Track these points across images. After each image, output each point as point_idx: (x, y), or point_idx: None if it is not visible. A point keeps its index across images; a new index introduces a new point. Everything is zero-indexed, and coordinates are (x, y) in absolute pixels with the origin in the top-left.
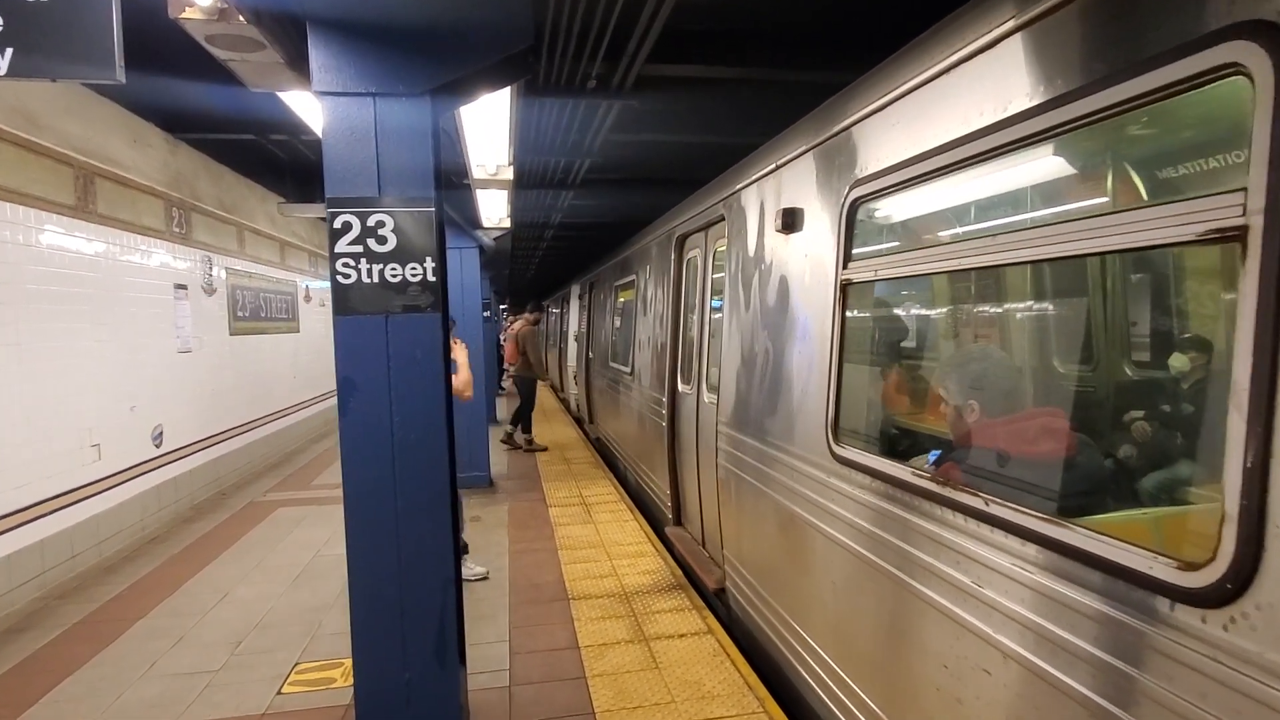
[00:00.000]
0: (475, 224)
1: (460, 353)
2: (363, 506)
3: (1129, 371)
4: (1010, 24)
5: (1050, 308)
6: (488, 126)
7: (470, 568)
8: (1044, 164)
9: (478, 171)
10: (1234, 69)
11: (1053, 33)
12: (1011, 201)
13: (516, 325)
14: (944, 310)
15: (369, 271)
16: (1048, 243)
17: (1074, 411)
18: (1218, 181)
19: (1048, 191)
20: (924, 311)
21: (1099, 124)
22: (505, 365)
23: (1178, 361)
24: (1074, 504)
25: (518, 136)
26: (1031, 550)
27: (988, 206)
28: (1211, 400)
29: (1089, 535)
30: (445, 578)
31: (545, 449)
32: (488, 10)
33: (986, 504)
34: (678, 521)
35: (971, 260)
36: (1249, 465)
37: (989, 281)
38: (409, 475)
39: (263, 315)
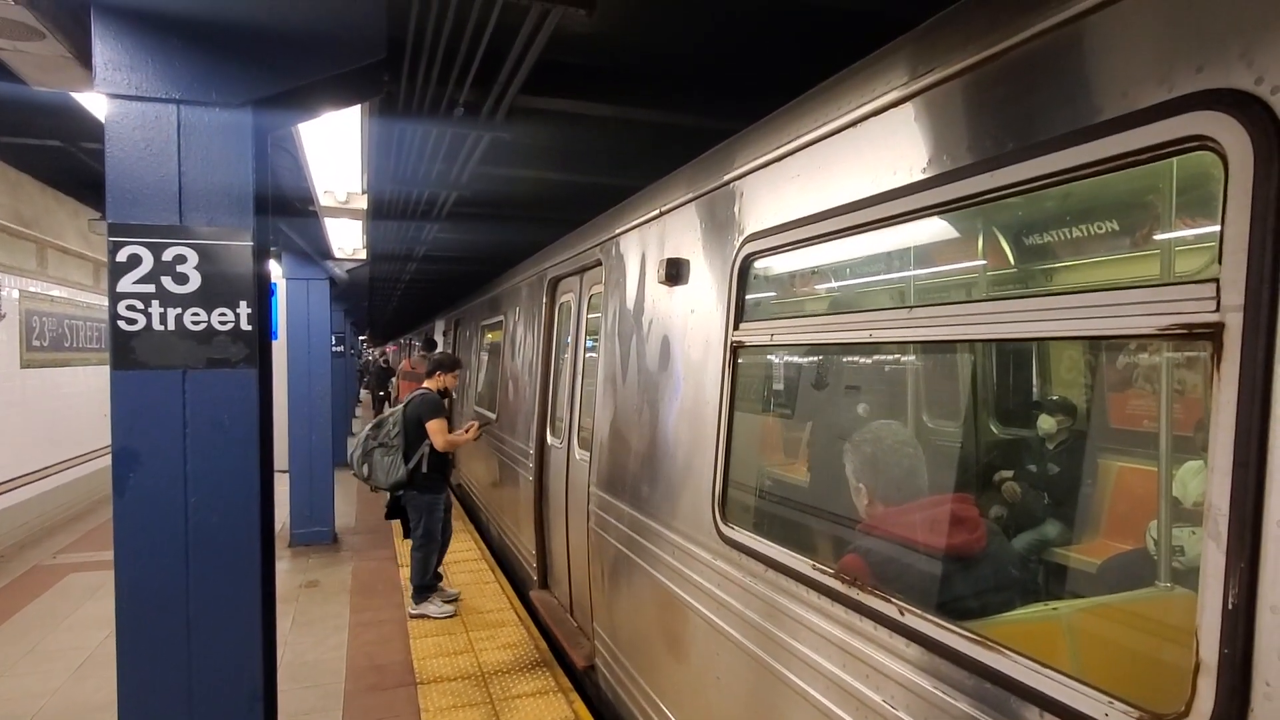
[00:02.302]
0: (326, 254)
1: (471, 433)
2: (141, 613)
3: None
4: (934, 75)
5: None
6: (334, 150)
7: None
8: (972, 234)
9: (325, 199)
10: (1199, 142)
11: (990, 85)
12: (936, 273)
13: (415, 365)
14: (857, 382)
15: (162, 317)
16: (986, 322)
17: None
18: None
19: (973, 262)
20: (832, 381)
21: (1044, 192)
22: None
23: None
24: (993, 604)
25: (373, 163)
26: (960, 675)
27: (910, 274)
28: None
29: (1027, 666)
30: (252, 691)
31: None
32: (332, 14)
33: (901, 613)
34: (544, 584)
35: (896, 334)
36: (1231, 606)
37: (912, 355)
38: (209, 570)
39: (67, 345)
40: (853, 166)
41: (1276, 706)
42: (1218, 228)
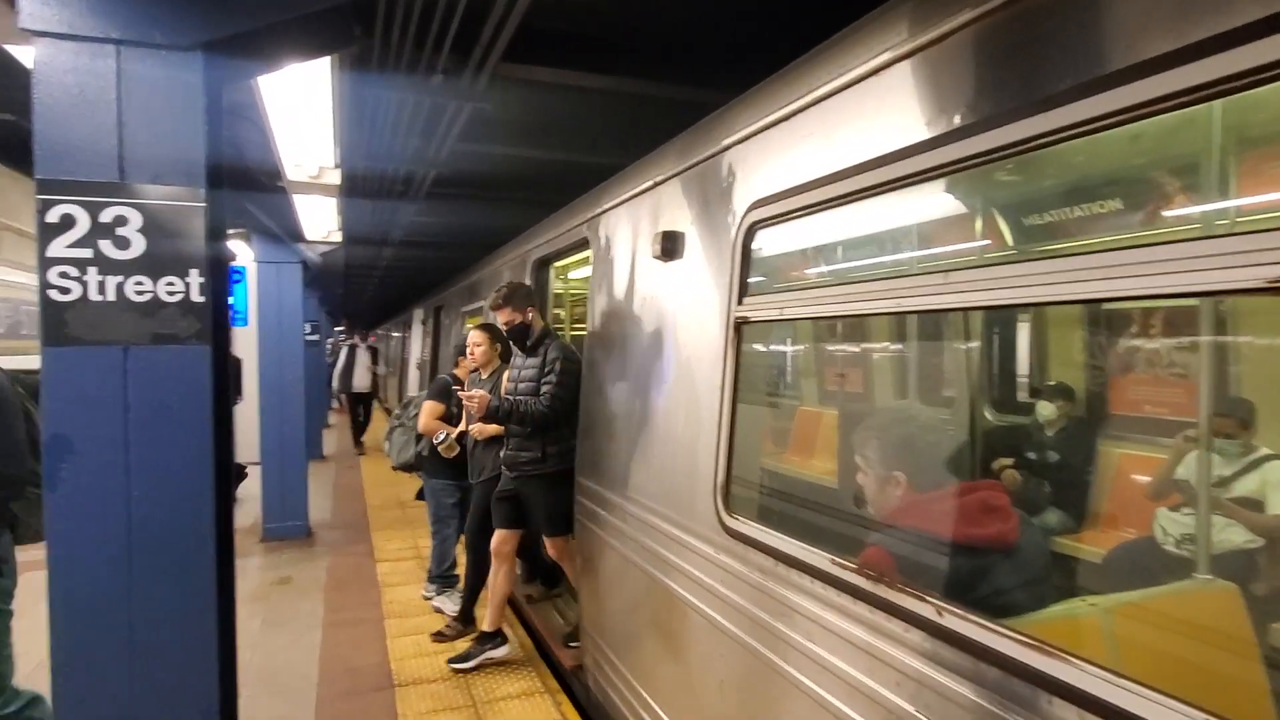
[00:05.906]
0: (297, 236)
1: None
2: (77, 624)
3: None
4: (968, 13)
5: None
6: (303, 117)
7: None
8: (1015, 188)
9: (294, 172)
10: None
11: (1034, 22)
12: (968, 231)
13: None
14: (880, 358)
15: (101, 286)
16: (1034, 283)
17: None
18: None
19: (1004, 224)
20: (849, 357)
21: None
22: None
23: None
24: (1033, 599)
25: (345, 135)
26: (1012, 683)
27: (937, 236)
28: None
29: (1093, 674)
30: (208, 709)
31: None
32: None
33: (939, 613)
34: (528, 579)
35: (925, 301)
36: None
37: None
38: (155, 573)
39: (23, 333)
40: (876, 120)
41: None
42: None
